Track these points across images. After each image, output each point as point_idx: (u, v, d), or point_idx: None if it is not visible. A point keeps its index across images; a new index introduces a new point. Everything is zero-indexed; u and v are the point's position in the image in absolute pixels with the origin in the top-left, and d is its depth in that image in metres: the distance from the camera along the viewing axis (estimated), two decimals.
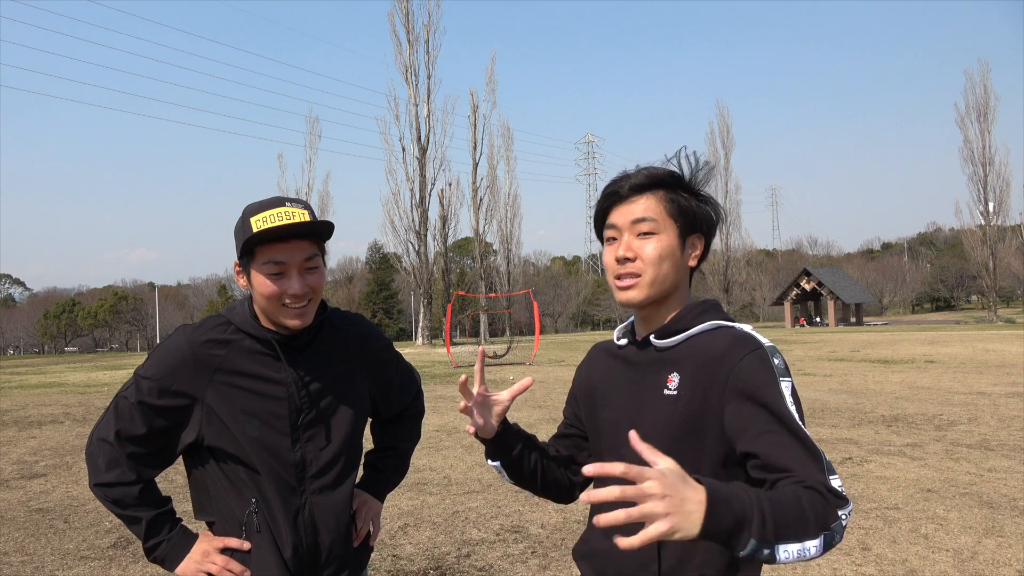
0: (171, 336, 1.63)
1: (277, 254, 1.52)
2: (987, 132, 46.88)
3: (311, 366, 1.64)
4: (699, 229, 1.41)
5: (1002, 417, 8.72)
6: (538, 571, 3.99)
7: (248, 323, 1.61)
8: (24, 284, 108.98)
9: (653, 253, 1.36)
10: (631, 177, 1.39)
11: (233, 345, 1.60)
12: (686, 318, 1.38)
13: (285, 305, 1.55)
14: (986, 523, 4.57)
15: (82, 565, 4.28)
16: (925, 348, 21.25)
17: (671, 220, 1.37)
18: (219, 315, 1.66)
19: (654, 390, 1.36)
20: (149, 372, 1.58)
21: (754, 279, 66.67)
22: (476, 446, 7.67)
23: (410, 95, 38.82)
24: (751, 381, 1.26)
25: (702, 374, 1.31)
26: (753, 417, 1.25)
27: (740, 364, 1.27)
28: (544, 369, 18.10)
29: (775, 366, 1.27)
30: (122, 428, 1.58)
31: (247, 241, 1.52)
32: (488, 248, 50.90)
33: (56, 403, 12.84)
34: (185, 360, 1.57)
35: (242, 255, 1.57)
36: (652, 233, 1.36)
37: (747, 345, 1.30)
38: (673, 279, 1.38)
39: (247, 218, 1.55)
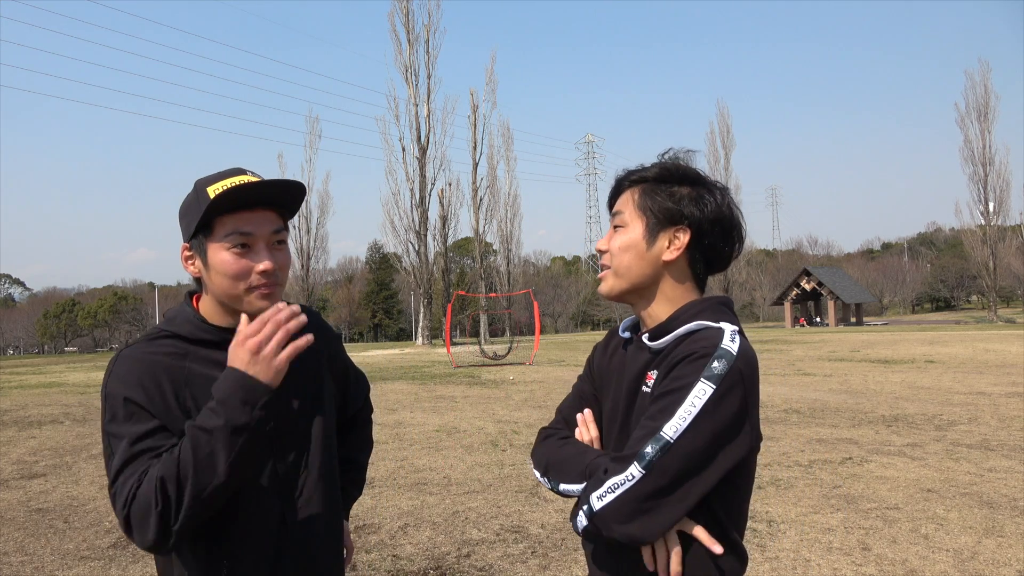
0: (115, 362, 1.34)
1: (243, 224, 1.32)
2: (987, 132, 46.88)
3: None
4: (678, 222, 1.38)
5: (1002, 417, 8.72)
6: (538, 571, 3.99)
7: (198, 328, 1.38)
8: (24, 284, 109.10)
9: (615, 245, 1.42)
10: (624, 173, 1.47)
11: (190, 357, 1.36)
12: (681, 318, 1.37)
13: (252, 287, 1.34)
14: (986, 523, 4.57)
15: (82, 565, 4.27)
16: (925, 348, 21.24)
17: (639, 212, 1.40)
18: (157, 330, 1.39)
19: (637, 386, 1.39)
20: (117, 389, 1.30)
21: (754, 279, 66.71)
22: (476, 446, 7.67)
23: (410, 95, 38.82)
24: (672, 374, 1.27)
25: (665, 372, 1.32)
26: (650, 400, 1.29)
27: (678, 359, 1.28)
28: (544, 369, 18.10)
29: (707, 368, 1.23)
30: (128, 433, 1.28)
31: (208, 209, 1.29)
32: (488, 248, 50.90)
33: (56, 403, 12.83)
34: (153, 375, 1.31)
35: (196, 232, 1.33)
36: (621, 226, 1.42)
37: (698, 344, 1.28)
38: (639, 271, 1.39)
39: (202, 189, 1.33)
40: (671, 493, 1.19)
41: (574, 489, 1.36)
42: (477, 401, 11.67)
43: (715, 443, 1.21)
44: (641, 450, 1.21)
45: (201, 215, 1.30)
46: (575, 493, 1.36)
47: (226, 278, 1.33)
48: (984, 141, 46.96)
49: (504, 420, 9.51)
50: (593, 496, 1.24)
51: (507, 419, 9.59)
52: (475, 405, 11.15)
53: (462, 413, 10.27)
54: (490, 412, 10.33)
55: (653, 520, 1.20)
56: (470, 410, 10.58)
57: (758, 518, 4.80)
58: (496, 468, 6.56)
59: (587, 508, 1.25)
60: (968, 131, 47.35)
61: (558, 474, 1.41)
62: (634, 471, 1.20)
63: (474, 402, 11.55)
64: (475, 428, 8.89)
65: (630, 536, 1.21)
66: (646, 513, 1.19)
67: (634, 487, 1.20)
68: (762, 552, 4.17)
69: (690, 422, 1.20)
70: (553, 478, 1.42)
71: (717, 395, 1.21)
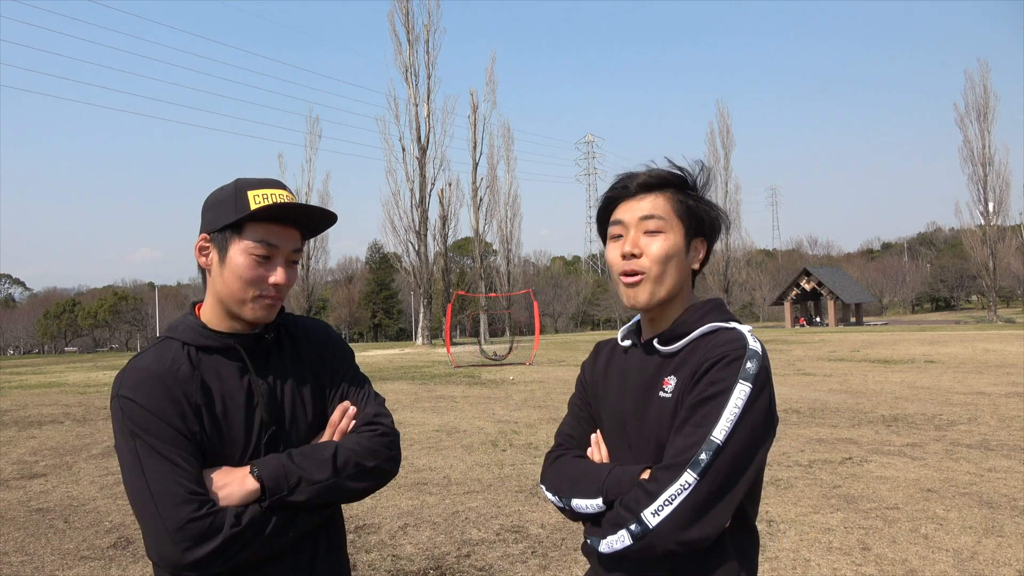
0: (125, 373, 1.34)
1: (271, 236, 1.37)
2: (987, 132, 46.89)
3: (280, 373, 1.46)
4: (703, 233, 1.41)
5: (1002, 417, 8.72)
6: (538, 571, 3.99)
7: (200, 335, 1.40)
8: (24, 284, 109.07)
9: (659, 251, 1.36)
10: (639, 175, 1.40)
11: (197, 364, 1.38)
12: (689, 321, 1.38)
13: (260, 295, 1.38)
14: (986, 523, 4.57)
15: (82, 565, 4.27)
16: (925, 348, 21.25)
17: (678, 220, 1.38)
18: (164, 340, 1.40)
19: (653, 393, 1.38)
20: (131, 399, 1.31)
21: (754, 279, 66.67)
22: (476, 446, 7.67)
23: (410, 95, 38.82)
24: (709, 378, 1.28)
25: (689, 376, 1.32)
26: (688, 407, 1.29)
27: (711, 363, 1.29)
28: (544, 369, 18.10)
29: (742, 369, 1.26)
30: (149, 439, 1.28)
31: (248, 215, 1.34)
32: (488, 248, 50.91)
33: (56, 403, 12.84)
34: (165, 386, 1.32)
35: (224, 228, 1.37)
36: (659, 231, 1.36)
37: (727, 346, 1.30)
38: (677, 280, 1.38)
39: (242, 191, 1.37)
40: (725, 494, 1.22)
41: (587, 505, 1.34)
42: (477, 401, 11.67)
43: (756, 440, 1.25)
44: (695, 456, 1.22)
45: (237, 216, 1.35)
46: (587, 510, 1.34)
47: (239, 280, 1.36)
48: (984, 141, 46.99)
49: (504, 420, 9.51)
50: (646, 512, 1.22)
51: (507, 419, 9.59)
52: (475, 405, 11.15)
53: (462, 413, 10.28)
54: (490, 412, 10.33)
55: (710, 523, 1.22)
56: (470, 410, 10.58)
57: (758, 518, 4.79)
58: (496, 468, 6.56)
59: (637, 527, 1.23)
60: (968, 131, 47.41)
61: (570, 490, 1.38)
62: (688, 479, 1.21)
63: (474, 402, 11.55)
64: (475, 428, 8.89)
65: (691, 543, 1.22)
66: (704, 518, 1.21)
67: (691, 495, 1.21)
68: (762, 552, 4.17)
69: (735, 423, 1.23)
70: (566, 495, 1.39)
71: (754, 394, 1.25)
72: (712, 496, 1.21)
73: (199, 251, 1.41)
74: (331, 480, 1.36)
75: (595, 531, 1.33)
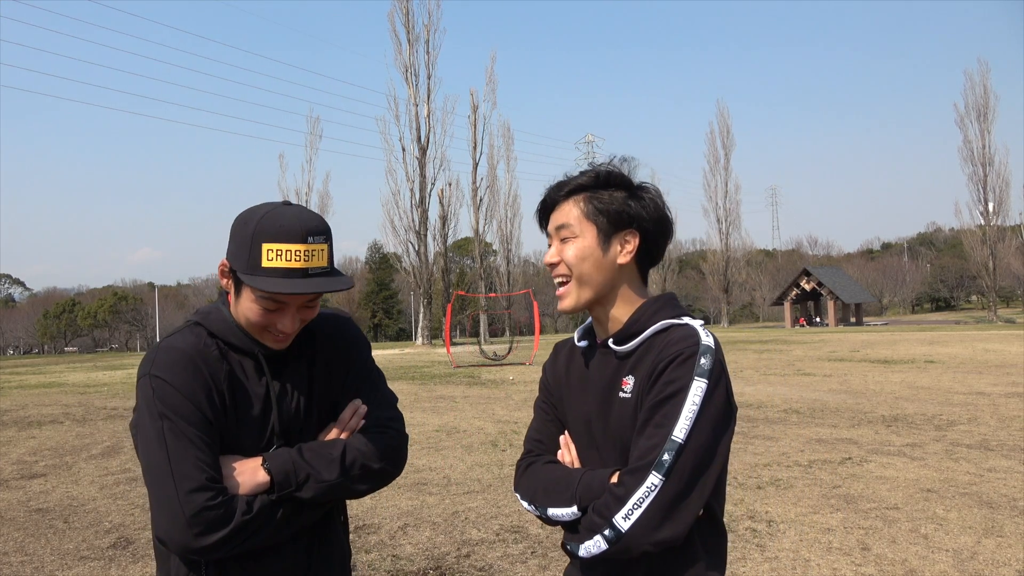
0: (158, 351, 1.37)
1: (280, 296, 1.37)
2: (987, 132, 46.96)
3: (298, 380, 1.48)
4: (626, 225, 1.41)
5: (1002, 417, 8.72)
6: (538, 571, 3.99)
7: (231, 333, 1.42)
8: (24, 284, 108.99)
9: (571, 255, 1.40)
10: (550, 188, 1.46)
11: (223, 356, 1.41)
12: (641, 319, 1.40)
13: (269, 332, 1.41)
14: (986, 523, 4.57)
15: (82, 565, 4.28)
16: (925, 348, 21.25)
17: (588, 222, 1.40)
18: (195, 325, 1.43)
19: (613, 394, 1.39)
20: (166, 374, 1.34)
21: (754, 279, 66.72)
22: (476, 446, 7.67)
23: (410, 95, 38.83)
24: (665, 378, 1.29)
25: (646, 376, 1.33)
26: (647, 407, 1.29)
27: (666, 362, 1.30)
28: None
29: (697, 366, 1.28)
30: (174, 418, 1.30)
31: (251, 278, 1.32)
32: (488, 248, 50.93)
33: (56, 403, 12.84)
34: (197, 369, 1.36)
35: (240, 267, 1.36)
36: (571, 237, 1.41)
37: (680, 344, 1.31)
38: (599, 279, 1.41)
39: (259, 239, 1.32)
40: (691, 492, 1.24)
41: (562, 513, 1.35)
42: (477, 401, 11.67)
43: (715, 434, 1.27)
44: (658, 458, 1.23)
45: (247, 271, 1.33)
46: (563, 518, 1.36)
47: (249, 320, 1.40)
48: (984, 141, 47.06)
49: (504, 420, 9.51)
50: (617, 517, 1.24)
51: (507, 419, 9.59)
52: (475, 405, 11.16)
53: (462, 413, 10.28)
54: (490, 412, 10.33)
55: (679, 521, 1.24)
56: (470, 410, 10.58)
57: (758, 518, 4.80)
58: (496, 468, 6.56)
59: (610, 532, 1.24)
60: (967, 131, 47.48)
61: (545, 499, 1.40)
62: (654, 480, 1.23)
63: (474, 402, 11.55)
64: (475, 428, 8.90)
65: (662, 543, 1.24)
66: (673, 517, 1.23)
67: (658, 496, 1.22)
68: (762, 552, 4.17)
69: (694, 420, 1.25)
70: (540, 504, 1.40)
71: (710, 389, 1.27)
72: (679, 495, 1.23)
73: (220, 273, 1.42)
74: (338, 480, 1.39)
75: (573, 537, 1.34)
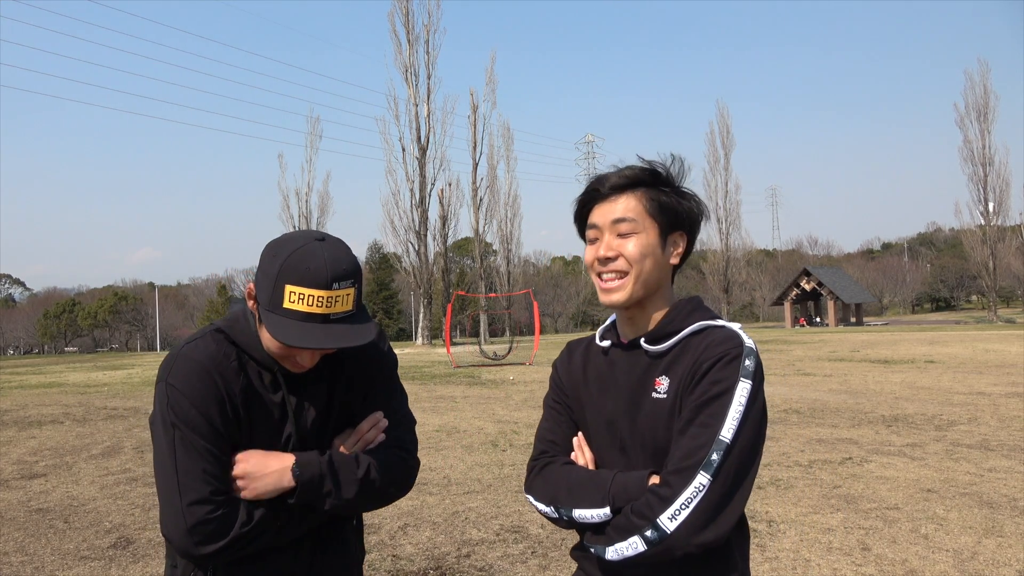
0: (176, 360, 1.39)
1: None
2: (987, 132, 46.91)
3: (313, 391, 1.48)
4: (681, 227, 1.40)
5: (1002, 417, 8.72)
6: (538, 571, 3.99)
7: (253, 346, 1.42)
8: (24, 284, 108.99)
9: (635, 251, 1.36)
10: (610, 177, 1.41)
11: (243, 365, 1.42)
12: (676, 320, 1.38)
13: (288, 360, 1.41)
14: (986, 523, 4.57)
15: (82, 565, 4.27)
16: (925, 348, 21.25)
17: (651, 219, 1.38)
18: (219, 332, 1.44)
19: (644, 394, 1.37)
20: (182, 384, 1.36)
21: (754, 279, 66.70)
22: (476, 446, 7.67)
23: (410, 95, 38.82)
24: (711, 378, 1.28)
25: (687, 376, 1.32)
26: (692, 407, 1.28)
27: (711, 363, 1.29)
28: (544, 369, 18.09)
29: (742, 367, 1.28)
30: (186, 430, 1.34)
31: (273, 305, 1.31)
32: (488, 248, 50.91)
33: (56, 403, 12.84)
34: (213, 381, 1.37)
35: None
36: (632, 233, 1.37)
37: (725, 345, 1.30)
38: (656, 277, 1.39)
39: (283, 279, 1.29)
40: (736, 492, 1.23)
41: (592, 514, 1.32)
42: (477, 401, 11.67)
43: (758, 435, 1.27)
44: (707, 457, 1.22)
45: (267, 308, 1.32)
46: (593, 519, 1.32)
47: (270, 348, 1.40)
48: (984, 141, 47.01)
49: (504, 420, 9.51)
50: (662, 518, 1.21)
51: (507, 419, 9.59)
52: (475, 405, 11.15)
53: (462, 413, 10.28)
54: (490, 412, 10.33)
55: (724, 522, 1.23)
56: (470, 410, 10.58)
57: (758, 518, 4.80)
58: (496, 468, 6.56)
59: (652, 533, 1.22)
60: (968, 131, 47.43)
61: (572, 500, 1.36)
62: (703, 480, 1.21)
63: (474, 402, 11.55)
64: (475, 428, 8.89)
65: (705, 545, 1.22)
66: (718, 518, 1.22)
67: (706, 496, 1.21)
68: (762, 552, 4.17)
69: (740, 421, 1.24)
70: (565, 505, 1.36)
71: (754, 390, 1.27)
72: (725, 496, 1.22)
73: (248, 295, 1.40)
74: (354, 499, 1.42)
75: (598, 539, 1.31)
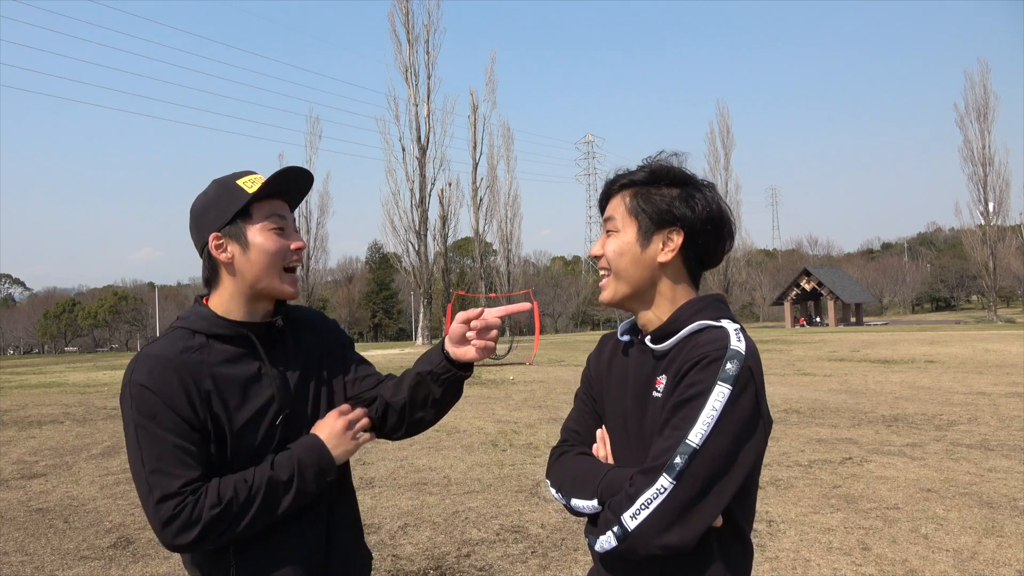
0: (138, 360, 1.40)
1: (278, 208, 1.50)
2: (987, 132, 46.89)
3: (289, 359, 1.54)
4: (671, 223, 1.38)
5: (1002, 417, 8.72)
6: (538, 571, 3.99)
7: (215, 323, 1.46)
8: (24, 284, 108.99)
9: (611, 251, 1.42)
10: (611, 179, 1.47)
11: (205, 351, 1.43)
12: (680, 319, 1.37)
13: (286, 268, 1.50)
14: (986, 523, 4.57)
15: (82, 565, 4.27)
16: (925, 348, 21.24)
17: (631, 217, 1.41)
18: (174, 328, 1.47)
19: (647, 392, 1.38)
20: (140, 386, 1.37)
21: (754, 279, 66.73)
22: (476, 446, 7.67)
23: (410, 95, 38.81)
24: (688, 380, 1.26)
25: (674, 376, 1.31)
26: (668, 408, 1.28)
27: (690, 364, 1.28)
28: (544, 369, 18.09)
29: (721, 371, 1.24)
30: (153, 429, 1.35)
31: (257, 194, 1.45)
32: (488, 248, 50.90)
33: (56, 403, 12.83)
34: (177, 369, 1.38)
35: (234, 219, 1.45)
36: (614, 231, 1.42)
37: (708, 347, 1.28)
38: (639, 276, 1.39)
39: (230, 183, 1.47)
40: (703, 498, 1.21)
41: (584, 505, 1.36)
42: (477, 401, 11.66)
43: (737, 443, 1.23)
44: (670, 460, 1.21)
45: (245, 201, 1.45)
46: (584, 510, 1.36)
47: (268, 255, 1.47)
48: (984, 141, 46.99)
49: (504, 420, 9.51)
50: (625, 516, 1.22)
51: (507, 419, 9.59)
52: (475, 405, 11.15)
53: (462, 413, 10.27)
54: (490, 412, 10.33)
55: (689, 527, 1.20)
56: (470, 410, 10.57)
57: (758, 518, 4.79)
58: (496, 468, 6.56)
59: (618, 530, 1.23)
60: (968, 131, 47.41)
61: (570, 489, 1.40)
62: (664, 483, 1.20)
63: (474, 402, 11.54)
64: (475, 428, 8.89)
65: (669, 547, 1.21)
66: (682, 522, 1.20)
67: (667, 499, 1.20)
68: (762, 552, 4.17)
69: (712, 426, 1.21)
70: (567, 494, 1.41)
71: (734, 396, 1.22)
72: (689, 500, 1.20)
73: (215, 248, 1.47)
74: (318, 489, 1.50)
75: (592, 530, 1.34)
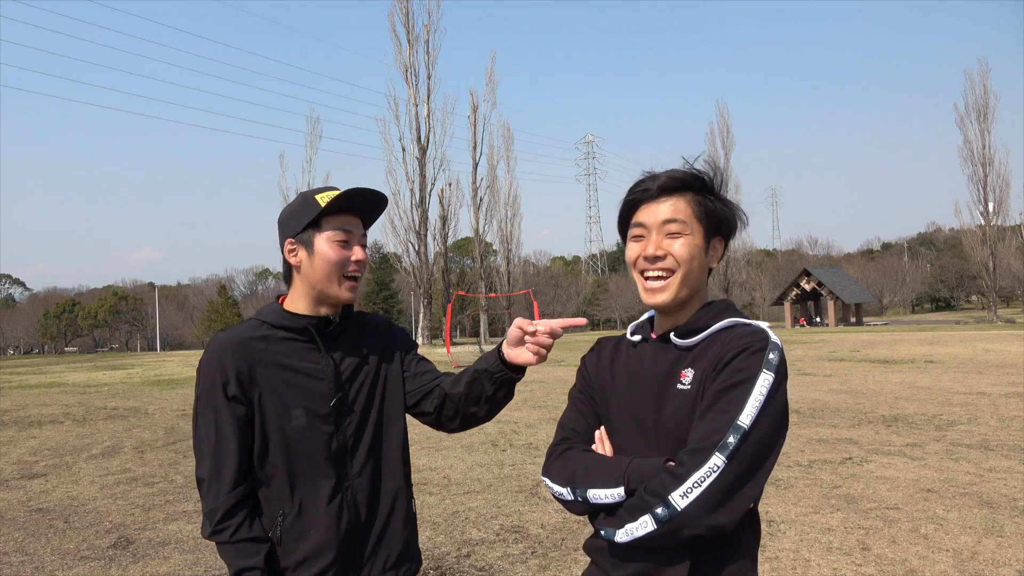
0: (209, 343, 1.68)
1: (345, 223, 1.68)
2: (987, 132, 46.88)
3: (346, 352, 1.71)
4: (720, 233, 1.46)
5: (1002, 417, 8.72)
6: (538, 571, 3.99)
7: (282, 317, 1.69)
8: (24, 284, 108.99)
9: (683, 251, 1.41)
10: (660, 178, 1.44)
11: (270, 339, 1.66)
12: (705, 317, 1.43)
13: (345, 276, 1.67)
14: (986, 523, 4.57)
15: (82, 565, 4.27)
16: (925, 348, 21.24)
17: (698, 222, 1.43)
18: (250, 319, 1.73)
19: (669, 385, 1.40)
20: (205, 364, 1.62)
21: (754, 279, 66.65)
22: (476, 446, 7.67)
23: (410, 95, 38.81)
24: (733, 367, 1.30)
25: (710, 367, 1.35)
26: (713, 394, 1.31)
27: (734, 352, 1.32)
28: (544, 369, 18.09)
29: (766, 360, 1.30)
30: (209, 400, 1.60)
31: (327, 208, 1.64)
32: (488, 248, 50.89)
33: (56, 403, 12.84)
34: (236, 351, 1.62)
35: (305, 228, 1.66)
36: (680, 234, 1.41)
37: (750, 338, 1.34)
38: (698, 279, 1.44)
39: (310, 198, 1.67)
40: (750, 478, 1.25)
41: (605, 495, 1.34)
42: None
43: (777, 426, 1.29)
44: (723, 440, 1.24)
45: (316, 213, 1.65)
46: (604, 500, 1.34)
47: (329, 263, 1.65)
48: (984, 141, 46.98)
49: (504, 420, 9.51)
50: (674, 495, 1.23)
51: (507, 419, 9.58)
52: None
53: None
54: None
55: (735, 506, 1.24)
56: None
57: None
58: (496, 468, 6.56)
59: (663, 511, 1.23)
60: (968, 131, 47.39)
61: (585, 480, 1.38)
62: (717, 462, 1.23)
63: None
64: (475, 428, 8.87)
65: (716, 526, 1.23)
66: (729, 500, 1.23)
67: (719, 477, 1.23)
68: (762, 552, 4.17)
69: (760, 409, 1.26)
70: (581, 485, 1.38)
71: (776, 383, 1.29)
72: (739, 479, 1.23)
73: (288, 252, 1.70)
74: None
75: (610, 521, 1.33)
